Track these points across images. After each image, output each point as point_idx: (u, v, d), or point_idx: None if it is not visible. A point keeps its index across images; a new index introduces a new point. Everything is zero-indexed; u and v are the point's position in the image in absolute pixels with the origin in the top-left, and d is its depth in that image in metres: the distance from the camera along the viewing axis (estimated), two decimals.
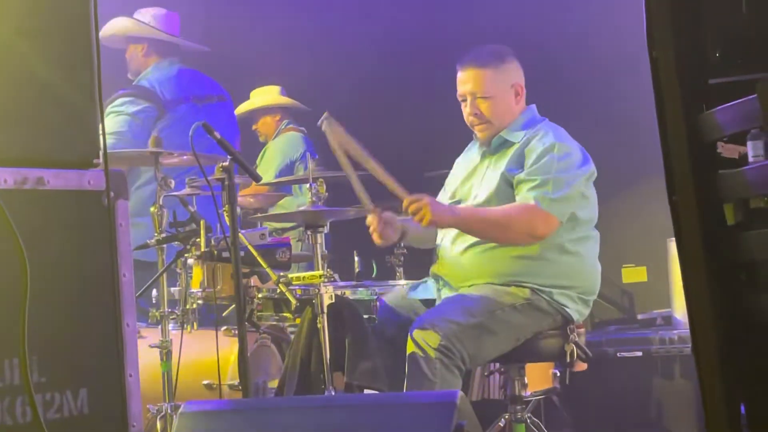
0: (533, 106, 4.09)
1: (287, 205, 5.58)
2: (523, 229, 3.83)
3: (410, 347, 3.68)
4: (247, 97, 6.33)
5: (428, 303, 4.01)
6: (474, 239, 3.91)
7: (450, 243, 3.99)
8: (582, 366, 3.99)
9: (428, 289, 4.03)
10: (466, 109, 4.02)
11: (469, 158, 4.18)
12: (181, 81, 5.09)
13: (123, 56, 5.23)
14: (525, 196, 3.83)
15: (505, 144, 4.00)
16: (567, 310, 3.88)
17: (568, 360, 3.91)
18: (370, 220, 3.88)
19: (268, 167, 6.02)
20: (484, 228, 3.86)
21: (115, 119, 4.88)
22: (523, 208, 3.82)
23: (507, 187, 3.91)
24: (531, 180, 3.84)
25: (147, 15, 5.21)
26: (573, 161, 3.90)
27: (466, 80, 4.00)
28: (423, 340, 3.66)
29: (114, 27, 5.16)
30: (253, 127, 6.32)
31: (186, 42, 5.26)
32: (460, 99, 4.03)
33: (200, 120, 3.60)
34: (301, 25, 6.34)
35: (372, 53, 6.16)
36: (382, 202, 4.38)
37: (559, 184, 3.83)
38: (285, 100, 6.31)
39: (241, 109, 6.14)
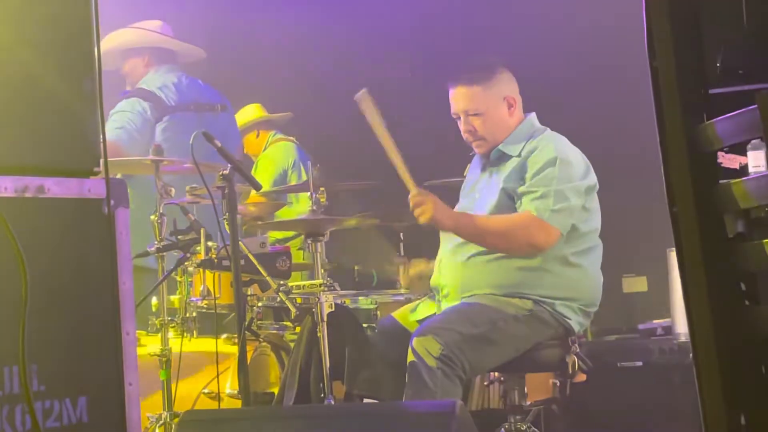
0: (532, 115, 4.07)
1: (284, 215, 5.56)
2: (523, 239, 3.82)
3: (410, 357, 3.67)
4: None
5: None
6: (476, 249, 3.90)
7: (451, 253, 3.98)
8: (582, 377, 3.98)
9: (427, 307, 4.02)
10: (461, 127, 4.02)
11: (473, 171, 4.18)
12: (181, 87, 5.09)
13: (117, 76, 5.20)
14: (526, 207, 3.83)
15: (504, 157, 3.99)
16: (569, 321, 3.87)
17: (570, 371, 3.90)
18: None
19: (261, 178, 6.00)
20: (483, 236, 3.86)
21: (118, 117, 4.88)
22: (524, 219, 3.82)
23: (508, 201, 3.90)
24: (532, 192, 3.84)
25: (147, 26, 5.21)
26: (574, 173, 3.89)
27: (457, 98, 4.00)
28: (424, 348, 3.65)
29: (114, 40, 5.06)
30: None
31: (187, 44, 5.24)
32: (454, 117, 4.03)
33: (200, 128, 3.60)
34: (296, 34, 6.33)
35: (369, 60, 6.16)
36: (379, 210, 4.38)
37: (560, 196, 3.82)
38: (268, 115, 6.27)
39: None
